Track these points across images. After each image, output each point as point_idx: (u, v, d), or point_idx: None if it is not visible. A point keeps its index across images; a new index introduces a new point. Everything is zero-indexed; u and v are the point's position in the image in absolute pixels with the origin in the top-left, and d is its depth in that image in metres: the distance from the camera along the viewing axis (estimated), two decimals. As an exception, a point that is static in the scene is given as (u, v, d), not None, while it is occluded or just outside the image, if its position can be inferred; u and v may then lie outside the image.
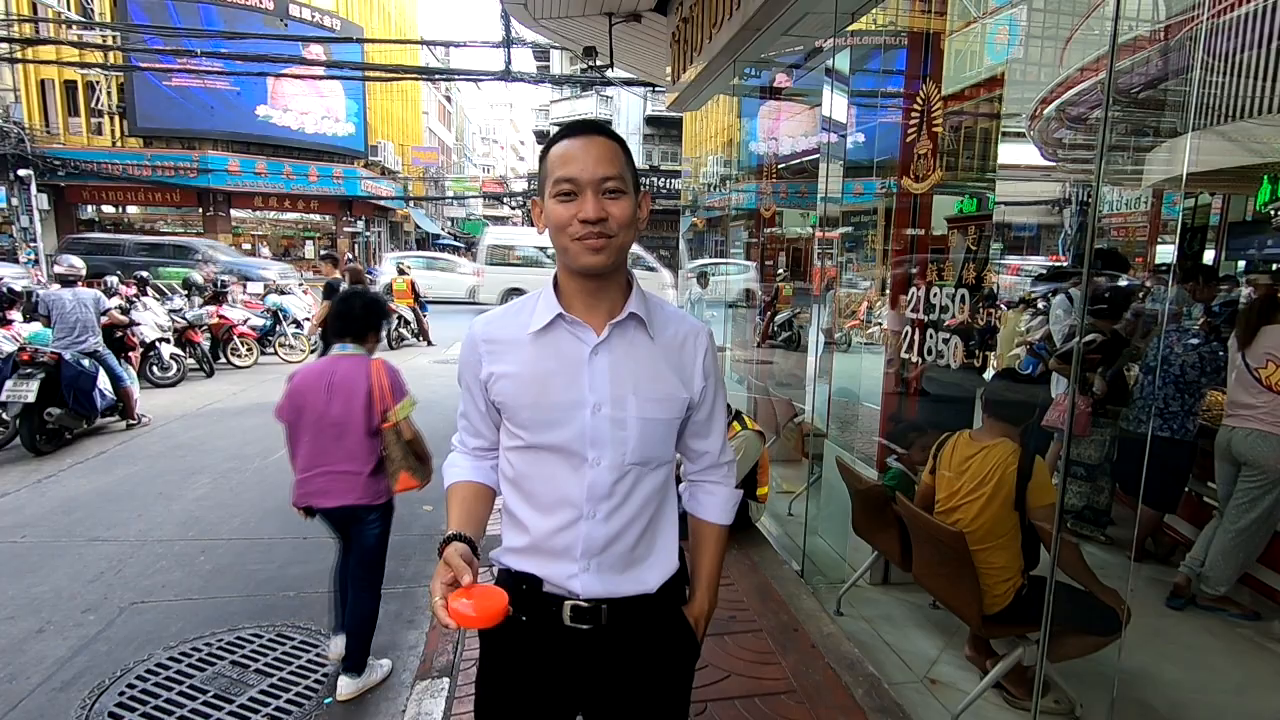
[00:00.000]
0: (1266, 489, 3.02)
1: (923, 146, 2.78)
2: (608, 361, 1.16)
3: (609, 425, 1.15)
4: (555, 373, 1.16)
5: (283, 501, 4.78)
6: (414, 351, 11.67)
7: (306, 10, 25.11)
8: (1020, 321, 4.78)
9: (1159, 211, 8.20)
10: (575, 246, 1.11)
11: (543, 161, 1.17)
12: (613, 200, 1.11)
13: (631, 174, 1.15)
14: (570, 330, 1.17)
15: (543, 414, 1.16)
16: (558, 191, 1.11)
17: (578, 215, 1.09)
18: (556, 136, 1.16)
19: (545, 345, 1.17)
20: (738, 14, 3.83)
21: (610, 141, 1.13)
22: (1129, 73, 5.02)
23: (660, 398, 1.19)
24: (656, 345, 1.20)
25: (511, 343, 1.19)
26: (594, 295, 1.18)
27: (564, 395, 1.15)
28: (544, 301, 1.19)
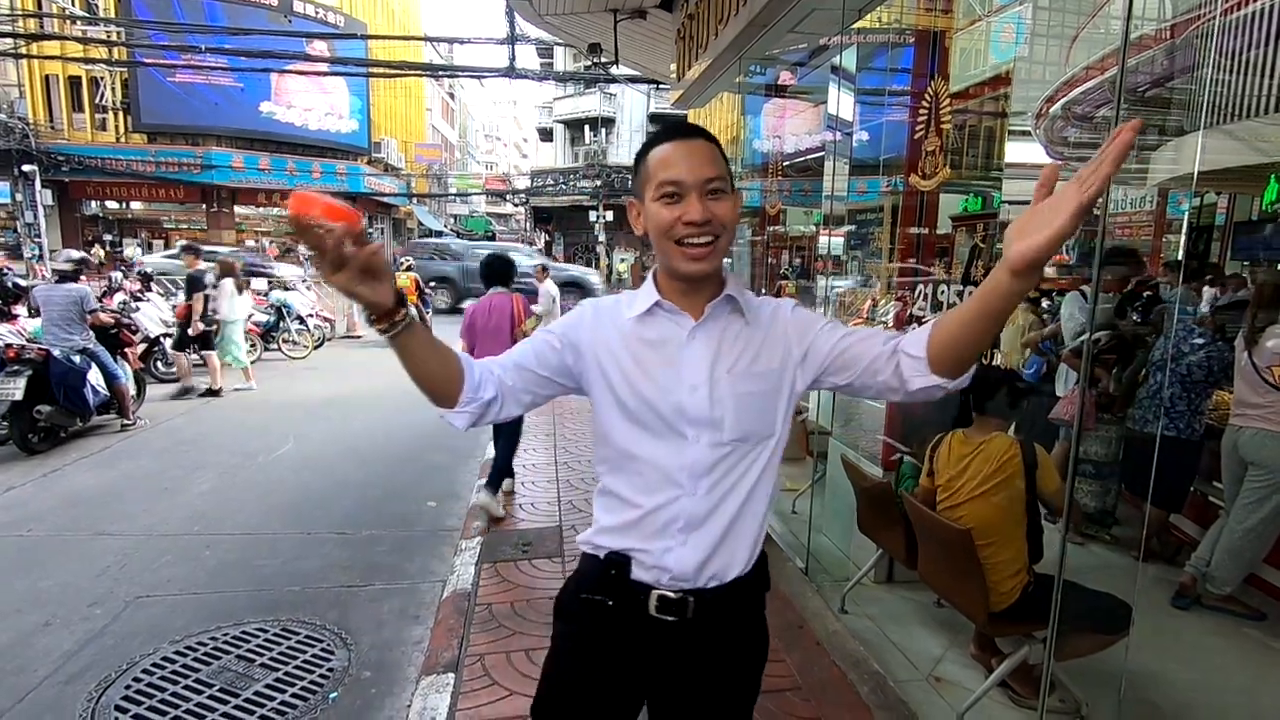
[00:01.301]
0: (1273, 489, 3.01)
1: (931, 143, 2.77)
2: (704, 343, 1.19)
3: (706, 404, 1.17)
4: (654, 354, 1.19)
5: (288, 497, 4.80)
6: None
7: (310, 6, 25.10)
8: (1027, 320, 4.76)
9: (1164, 210, 8.17)
10: (678, 253, 1.14)
11: (640, 164, 1.20)
12: (716, 201, 1.13)
13: (729, 174, 1.17)
14: (668, 316, 1.21)
15: (643, 393, 1.18)
16: (662, 194, 1.13)
17: (683, 217, 1.12)
18: (656, 139, 1.18)
19: (645, 329, 1.21)
20: (744, 10, 3.81)
21: (710, 144, 1.16)
22: (1135, 71, 5.00)
23: (756, 373, 1.20)
24: (751, 327, 1.22)
25: (615, 325, 1.23)
26: (693, 290, 1.21)
27: (662, 376, 1.18)
28: (644, 291, 1.24)
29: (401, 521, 4.45)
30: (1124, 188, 8.44)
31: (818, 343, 1.21)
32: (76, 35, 17.09)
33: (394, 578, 3.69)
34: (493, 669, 2.75)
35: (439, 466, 5.58)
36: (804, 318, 1.25)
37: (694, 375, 1.18)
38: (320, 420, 7.06)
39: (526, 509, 4.47)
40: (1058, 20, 7.77)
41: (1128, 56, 4.47)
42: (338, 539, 4.14)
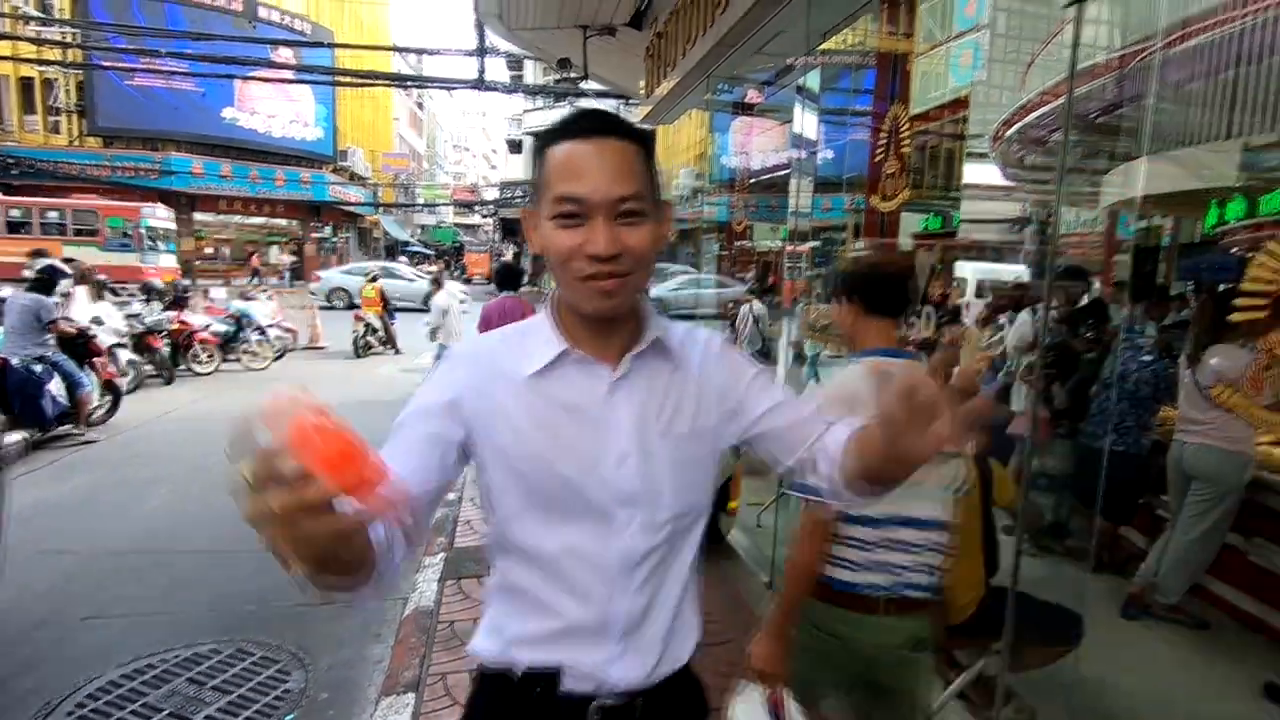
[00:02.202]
0: (1215, 501, 3.13)
1: (891, 166, 2.85)
2: (629, 400, 0.96)
3: (639, 477, 0.94)
4: (566, 419, 0.94)
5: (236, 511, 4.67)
6: (380, 360, 11.53)
7: (275, 13, 24.81)
8: (982, 338, 4.90)
9: (1114, 231, 8.48)
10: (581, 288, 0.90)
11: (539, 161, 0.93)
12: (630, 227, 0.88)
13: (653, 184, 0.92)
14: (580, 368, 0.95)
15: (558, 471, 0.93)
16: (559, 213, 0.88)
17: (585, 248, 0.87)
18: (558, 131, 0.90)
19: (550, 388, 0.94)
20: (711, 31, 3.88)
21: (629, 144, 0.89)
22: (1086, 99, 5.22)
23: (694, 432, 0.99)
24: (680, 373, 1.00)
25: (507, 382, 0.95)
26: (606, 329, 0.96)
27: (580, 446, 0.93)
28: (542, 336, 0.97)
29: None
30: (1076, 209, 8.75)
31: (749, 402, 1.02)
32: (30, 36, 16.60)
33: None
34: (454, 688, 2.71)
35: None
36: (733, 362, 1.06)
37: (621, 442, 0.94)
38: (280, 433, 6.89)
39: (491, 524, 4.43)
40: (1014, 46, 8.05)
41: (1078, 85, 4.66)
42: (296, 556, 4.04)
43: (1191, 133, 4.65)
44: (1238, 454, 3.08)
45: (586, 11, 5.71)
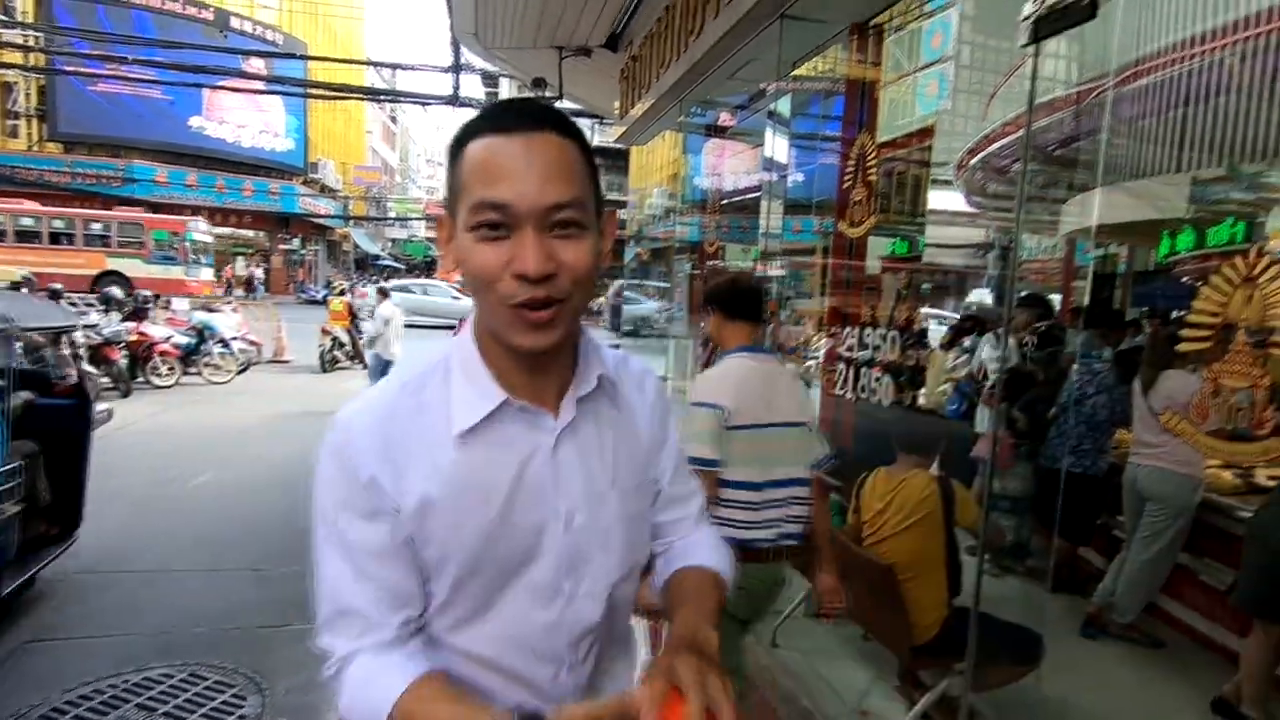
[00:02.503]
0: (1168, 522, 3.22)
1: (858, 194, 2.92)
2: (578, 451, 0.82)
3: (589, 538, 0.82)
4: (504, 484, 0.78)
5: (203, 530, 4.55)
6: (347, 375, 11.35)
7: (248, 23, 24.60)
8: (947, 360, 5.00)
9: (1072, 258, 8.76)
10: (507, 317, 0.73)
11: (455, 161, 0.75)
12: (567, 240, 0.72)
13: (595, 190, 0.76)
14: (520, 419, 0.79)
15: (495, 546, 0.78)
16: (480, 223, 0.71)
17: (511, 266, 0.70)
18: (478, 123, 0.74)
19: (484, 449, 0.77)
20: (685, 56, 3.95)
21: (564, 140, 0.73)
22: (1045, 131, 5.41)
23: (642, 482, 0.90)
24: (623, 414, 0.89)
25: (424, 448, 0.77)
26: (542, 365, 0.80)
27: (523, 513, 0.79)
28: (469, 379, 0.79)
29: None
30: (1036, 236, 9.02)
31: (664, 460, 0.94)
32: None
33: (313, 616, 3.53)
34: (417, 712, 2.65)
35: (368, 498, 5.40)
36: (666, 415, 0.95)
37: (571, 499, 0.80)
38: (243, 447, 6.75)
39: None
40: (977, 78, 8.31)
41: (1037, 118, 4.82)
42: (255, 575, 3.94)
43: (1144, 166, 4.84)
44: (1189, 476, 3.18)
45: (562, 33, 5.77)
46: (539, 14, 5.37)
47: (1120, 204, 5.51)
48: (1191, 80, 4.00)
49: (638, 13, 5.10)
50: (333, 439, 0.79)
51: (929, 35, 6.47)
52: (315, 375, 11.16)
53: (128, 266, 17.05)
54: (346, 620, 0.79)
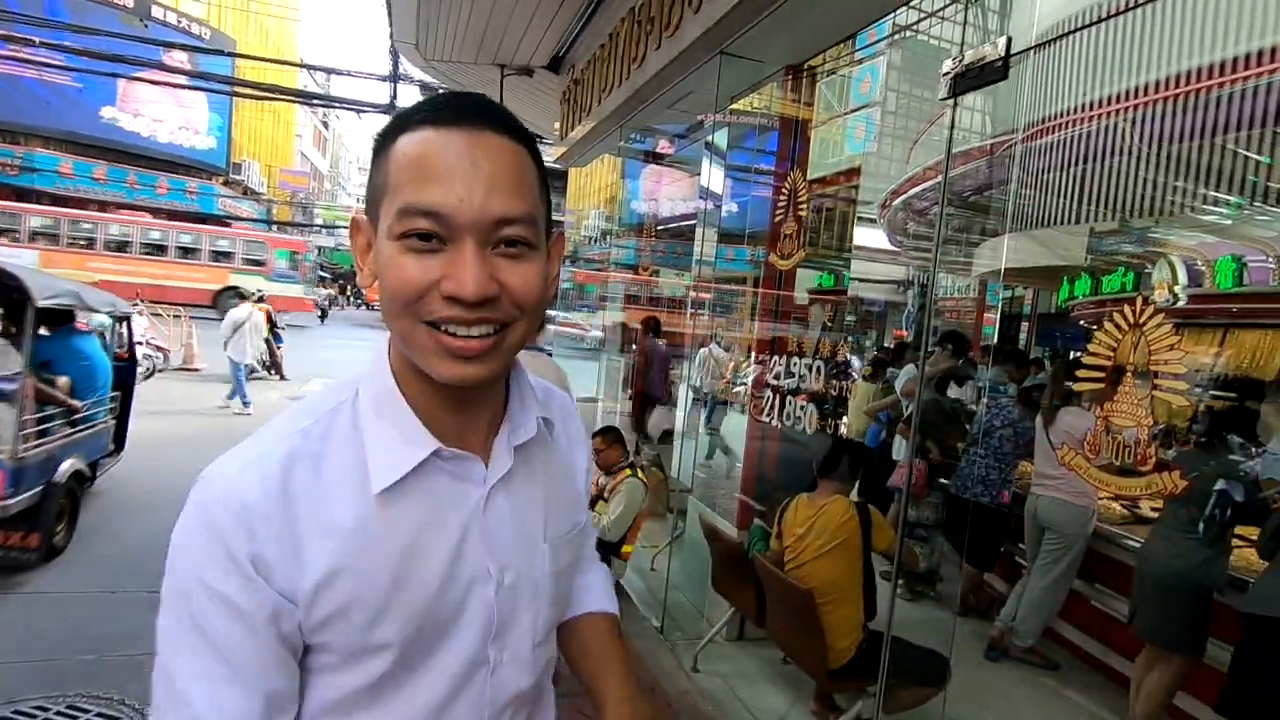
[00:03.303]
0: (1064, 550, 3.43)
1: (789, 228, 3.02)
2: (510, 505, 0.72)
3: (518, 599, 0.72)
4: (433, 550, 0.65)
5: (93, 549, 4.22)
6: (265, 386, 10.83)
7: (172, 15, 23.50)
8: (870, 391, 5.20)
9: (984, 298, 9.29)
10: (432, 345, 0.61)
11: (379, 159, 0.63)
12: (512, 261, 0.61)
13: (546, 206, 0.66)
14: (448, 470, 0.67)
15: (413, 621, 0.65)
16: (408, 231, 0.59)
17: (443, 285, 0.59)
18: (416, 114, 0.61)
19: (406, 507, 0.64)
20: (626, 84, 4.02)
21: (516, 145, 0.62)
22: (963, 178, 5.76)
23: (571, 530, 0.80)
24: (554, 457, 0.80)
25: (330, 516, 0.62)
26: (470, 403, 0.69)
27: (449, 578, 0.66)
28: (385, 422, 0.65)
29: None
30: (952, 276, 9.55)
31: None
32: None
33: None
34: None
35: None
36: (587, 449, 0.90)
37: (504, 556, 0.70)
38: (143, 461, 6.32)
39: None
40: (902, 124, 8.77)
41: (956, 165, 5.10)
42: (151, 598, 3.67)
43: (1049, 216, 5.22)
44: (1083, 507, 3.40)
45: (505, 51, 5.78)
46: (482, 31, 5.36)
47: (1026, 250, 5.91)
48: (1089, 141, 4.35)
49: (581, 38, 5.16)
50: (202, 501, 0.60)
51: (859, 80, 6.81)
52: (228, 385, 10.60)
53: (249, 283, 16.94)
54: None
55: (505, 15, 5.00)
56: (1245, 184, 3.85)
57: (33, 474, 3.74)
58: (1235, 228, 4.44)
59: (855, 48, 3.65)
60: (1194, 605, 2.71)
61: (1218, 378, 4.84)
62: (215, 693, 0.58)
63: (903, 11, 2.97)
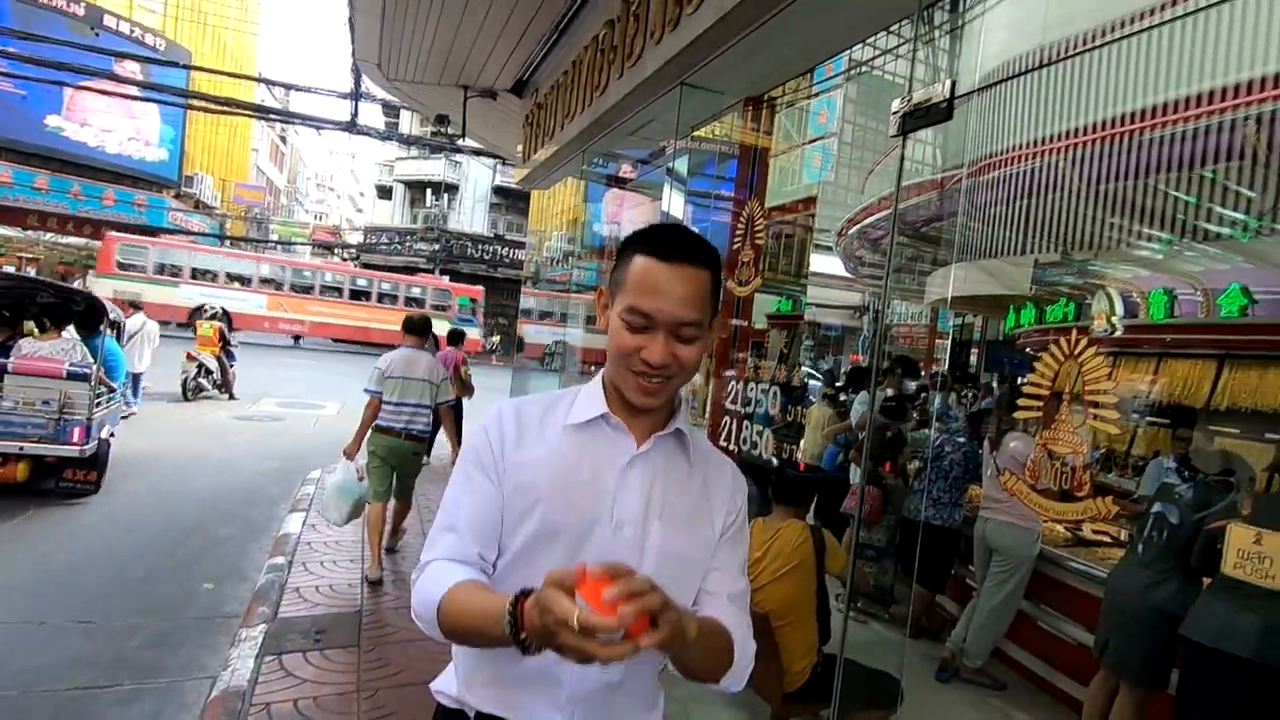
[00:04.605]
0: (1011, 572, 3.52)
1: (746, 255, 3.09)
2: (642, 477, 1.06)
3: (626, 548, 1.02)
4: (585, 475, 1.04)
5: (20, 577, 4.01)
6: (212, 405, 10.48)
7: (125, 24, 22.93)
8: (826, 416, 5.28)
9: (936, 324, 9.56)
10: (631, 381, 1.02)
11: (622, 260, 1.04)
12: (686, 344, 1.00)
13: (714, 304, 1.04)
14: (612, 433, 1.07)
15: (559, 516, 1.02)
16: (629, 322, 1.00)
17: (642, 352, 0.99)
18: (645, 242, 1.01)
19: (581, 442, 1.06)
20: (589, 110, 4.07)
21: (703, 272, 1.01)
22: (917, 208, 5.96)
23: (688, 530, 1.07)
24: (693, 469, 1.11)
25: (543, 432, 1.07)
26: (641, 413, 1.08)
27: (588, 502, 1.03)
28: (588, 396, 1.09)
29: (168, 607, 3.87)
30: (906, 302, 9.81)
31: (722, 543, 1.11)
32: None
33: (150, 675, 3.18)
34: (265, 780, 2.43)
35: (225, 541, 4.97)
36: (741, 500, 1.15)
37: (625, 510, 1.03)
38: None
39: (324, 591, 4.09)
40: (858, 154, 9.04)
41: (908, 197, 5.25)
42: (81, 629, 3.51)
43: (996, 247, 5.42)
44: (1029, 530, 3.50)
45: (468, 74, 5.80)
46: (446, 53, 5.38)
47: (975, 279, 6.12)
48: (1032, 177, 4.56)
49: (545, 63, 5.21)
50: (490, 414, 1.10)
51: (816, 111, 7.00)
52: (174, 404, 10.23)
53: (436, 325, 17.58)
54: (444, 536, 1.05)
55: (469, 39, 5.03)
56: (1175, 221, 4.07)
57: (95, 431, 5.39)
58: (1166, 262, 4.68)
59: (813, 81, 3.76)
60: (1165, 637, 2.65)
61: (1153, 404, 5.06)
62: (459, 510, 1.06)
63: (859, 47, 3.09)
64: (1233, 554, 2.14)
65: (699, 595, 1.10)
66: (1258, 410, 4.39)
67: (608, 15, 3.77)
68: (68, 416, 5.20)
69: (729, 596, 1.10)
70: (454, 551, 1.03)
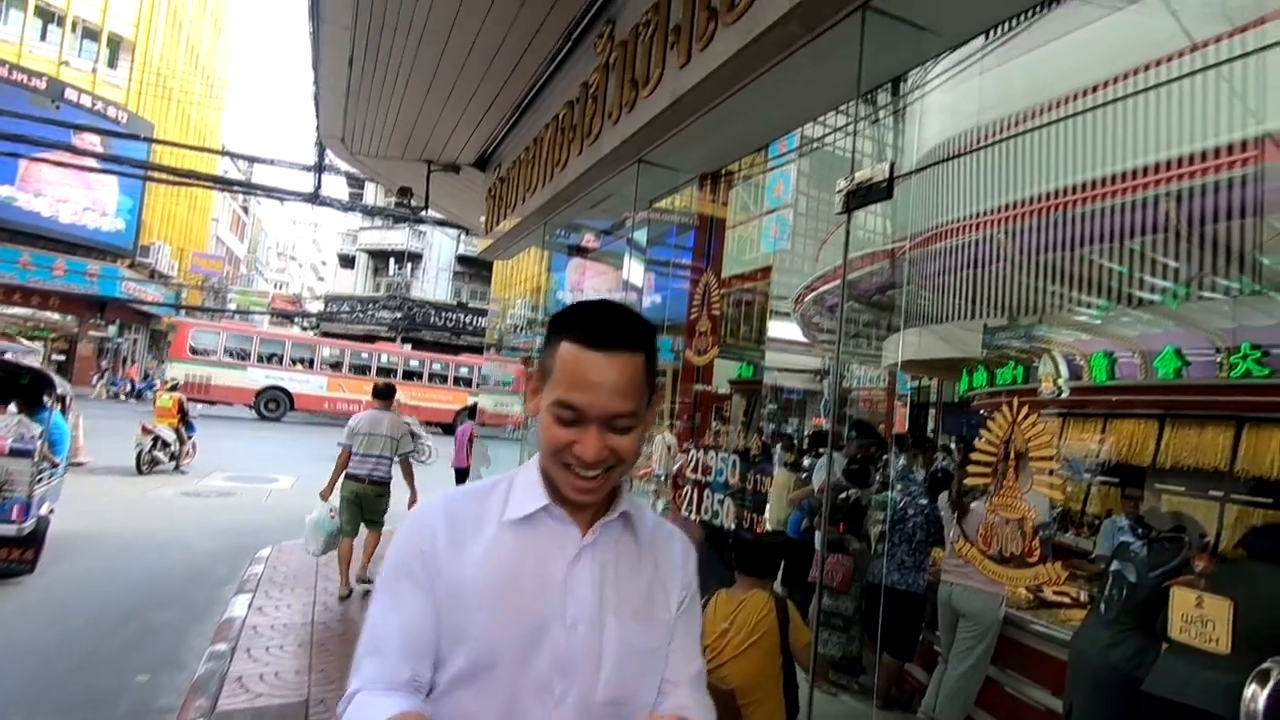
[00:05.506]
0: (979, 638, 3.50)
1: (704, 325, 3.15)
2: (591, 569, 0.98)
3: (582, 649, 0.94)
4: (531, 574, 0.95)
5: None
6: (162, 479, 10.04)
7: (86, 97, 22.99)
8: (790, 482, 5.30)
9: (894, 387, 9.76)
10: (565, 477, 0.94)
11: (549, 345, 0.95)
12: (620, 434, 0.93)
13: (649, 388, 0.96)
14: (555, 525, 0.98)
15: (507, 623, 0.93)
16: (560, 413, 0.92)
17: (573, 448, 0.92)
18: (572, 327, 0.93)
19: (523, 538, 0.97)
20: (550, 184, 4.18)
21: (635, 357, 0.93)
22: (871, 276, 6.17)
23: (646, 620, 1.00)
24: (643, 551, 1.04)
25: (479, 529, 0.97)
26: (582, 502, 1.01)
27: (537, 604, 0.94)
28: (526, 486, 1.00)
29: (97, 700, 3.61)
30: (865, 366, 10.04)
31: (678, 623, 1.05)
32: None
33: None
34: None
35: (162, 627, 4.68)
36: (691, 571, 1.09)
37: (578, 608, 0.95)
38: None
39: (269, 680, 3.86)
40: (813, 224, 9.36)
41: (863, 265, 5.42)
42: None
43: (946, 313, 5.62)
44: (995, 594, 3.50)
45: (432, 149, 5.93)
46: (409, 130, 5.50)
47: (928, 343, 6.30)
48: (975, 248, 4.79)
49: (507, 140, 5.37)
50: (416, 515, 1.01)
51: (772, 185, 7.28)
52: (124, 478, 9.78)
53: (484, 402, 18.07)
54: (370, 660, 0.94)
55: (433, 117, 5.17)
56: (1109, 289, 4.30)
57: (35, 508, 5.26)
58: (1104, 327, 4.91)
59: (768, 156, 3.93)
60: (1128, 698, 2.61)
61: (1103, 464, 5.20)
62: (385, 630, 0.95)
63: (810, 125, 3.26)
64: (1177, 618, 2.17)
65: (661, 684, 1.04)
66: (1199, 468, 4.54)
67: (567, 97, 3.93)
68: (7, 494, 5.11)
69: (690, 682, 1.05)
70: (382, 678, 0.93)
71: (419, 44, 4.04)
